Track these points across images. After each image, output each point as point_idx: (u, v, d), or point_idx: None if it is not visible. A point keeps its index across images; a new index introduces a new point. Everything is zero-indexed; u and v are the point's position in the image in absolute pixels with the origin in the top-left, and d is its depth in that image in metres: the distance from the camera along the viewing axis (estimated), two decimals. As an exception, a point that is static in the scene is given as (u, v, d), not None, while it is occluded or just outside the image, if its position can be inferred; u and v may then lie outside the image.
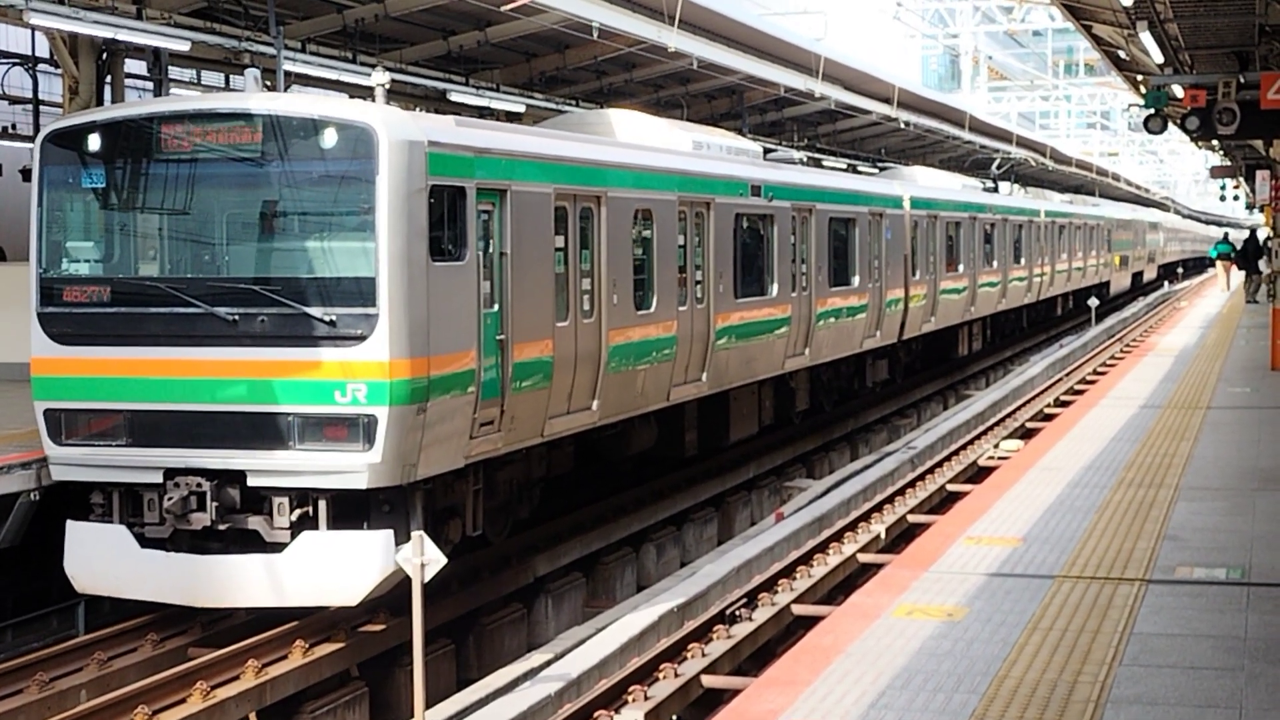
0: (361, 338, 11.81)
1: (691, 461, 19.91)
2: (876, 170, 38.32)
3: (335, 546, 11.98)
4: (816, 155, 38.30)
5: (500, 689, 11.82)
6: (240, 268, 12.45)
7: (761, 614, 13.11)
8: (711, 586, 14.08)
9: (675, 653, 11.92)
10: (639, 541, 17.82)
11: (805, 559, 15.09)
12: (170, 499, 12.06)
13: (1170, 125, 26.03)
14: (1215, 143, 38.07)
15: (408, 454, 11.98)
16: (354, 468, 11.81)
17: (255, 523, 12.11)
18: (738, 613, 13.07)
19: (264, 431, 11.98)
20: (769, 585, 14.07)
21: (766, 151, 23.84)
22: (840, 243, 23.68)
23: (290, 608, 12.33)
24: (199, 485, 12.07)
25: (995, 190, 40.36)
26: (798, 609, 13.40)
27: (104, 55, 18.34)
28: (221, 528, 12.13)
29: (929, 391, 32.40)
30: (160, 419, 12.26)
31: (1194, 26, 19.82)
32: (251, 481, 12.04)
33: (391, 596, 12.74)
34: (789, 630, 13.12)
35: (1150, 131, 22.90)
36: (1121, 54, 24.62)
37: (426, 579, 9.71)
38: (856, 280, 24.21)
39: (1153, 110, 22.29)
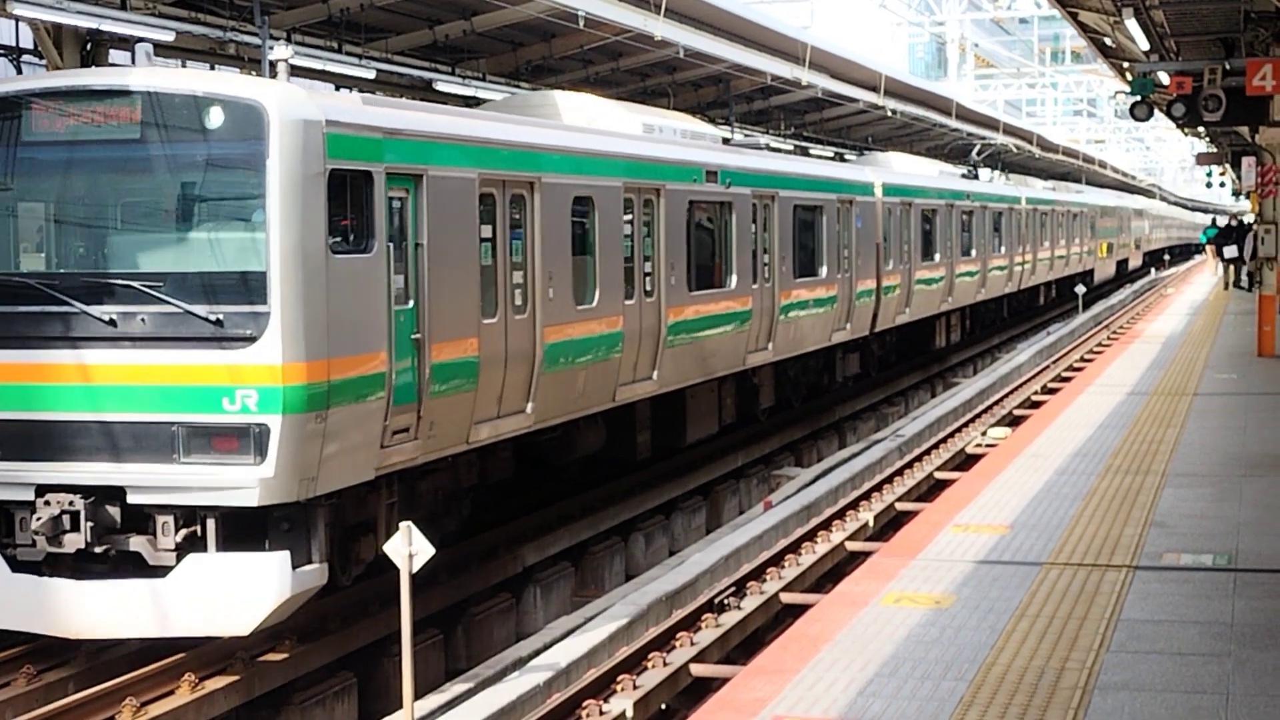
0: (251, 339, 10.75)
1: (644, 465, 19.00)
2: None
3: (225, 570, 10.90)
4: (804, 144, 38.29)
5: (489, 679, 11.81)
6: (118, 261, 11.30)
7: (750, 603, 13.12)
8: (700, 575, 14.09)
9: (664, 642, 11.92)
10: (627, 531, 17.81)
11: (793, 547, 15.10)
12: (39, 519, 10.86)
13: (1156, 112, 26.07)
14: (1201, 129, 38.19)
15: (305, 467, 10.89)
16: (244, 483, 10.72)
17: (137, 544, 11.00)
18: (726, 601, 13.09)
19: (145, 443, 10.88)
20: (757, 574, 14.08)
21: (747, 135, 23.69)
22: (806, 231, 22.86)
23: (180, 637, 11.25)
24: (71, 503, 10.88)
25: (975, 177, 40.10)
26: (786, 597, 13.41)
27: (88, 46, 18.25)
28: (99, 550, 10.98)
29: (916, 380, 32.32)
30: (31, 430, 11.09)
31: (1179, 13, 19.84)
32: (132, 499, 10.92)
33: (382, 587, 12.73)
34: (777, 619, 13.14)
35: (1136, 118, 22.93)
36: (1107, 41, 24.64)
37: (414, 570, 9.70)
38: (824, 271, 23.39)
39: (1139, 97, 22.33)
